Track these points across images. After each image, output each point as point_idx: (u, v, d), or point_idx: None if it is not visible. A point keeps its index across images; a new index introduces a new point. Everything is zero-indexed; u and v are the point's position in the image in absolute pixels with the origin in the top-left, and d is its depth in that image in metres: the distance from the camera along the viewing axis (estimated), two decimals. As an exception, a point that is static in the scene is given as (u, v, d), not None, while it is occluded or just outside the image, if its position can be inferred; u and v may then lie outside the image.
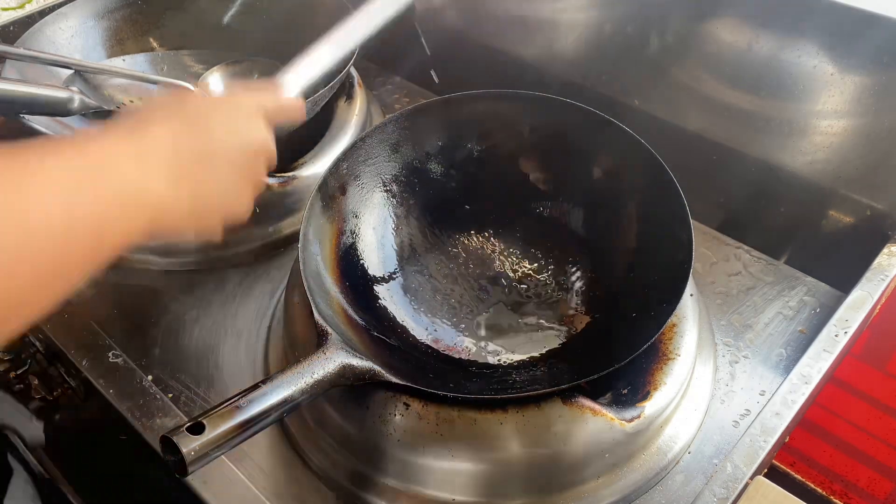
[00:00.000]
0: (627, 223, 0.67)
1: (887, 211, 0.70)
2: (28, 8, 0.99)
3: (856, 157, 0.70)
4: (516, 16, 0.89)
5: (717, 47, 0.74)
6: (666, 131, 0.80)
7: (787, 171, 0.74)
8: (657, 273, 0.61)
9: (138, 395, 0.60)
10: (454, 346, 0.66)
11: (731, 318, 0.71)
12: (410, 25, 0.81)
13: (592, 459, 0.54)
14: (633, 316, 0.60)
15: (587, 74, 0.86)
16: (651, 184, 0.63)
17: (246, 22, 0.94)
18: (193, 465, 0.42)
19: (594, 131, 0.67)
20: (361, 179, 0.69)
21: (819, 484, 1.17)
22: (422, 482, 0.55)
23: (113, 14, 0.90)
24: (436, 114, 0.71)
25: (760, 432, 0.56)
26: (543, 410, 0.53)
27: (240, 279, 0.76)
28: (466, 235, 0.74)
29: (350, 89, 0.89)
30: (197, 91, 0.39)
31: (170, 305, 0.73)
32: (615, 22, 0.81)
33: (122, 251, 0.35)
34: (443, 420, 0.53)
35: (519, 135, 0.72)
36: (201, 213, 0.39)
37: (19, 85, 0.67)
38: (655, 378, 0.58)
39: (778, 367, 0.66)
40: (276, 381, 0.47)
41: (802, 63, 0.68)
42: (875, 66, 0.65)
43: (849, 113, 0.68)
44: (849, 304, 0.65)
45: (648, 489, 0.57)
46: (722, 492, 0.52)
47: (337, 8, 0.87)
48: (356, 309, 0.63)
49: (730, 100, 0.76)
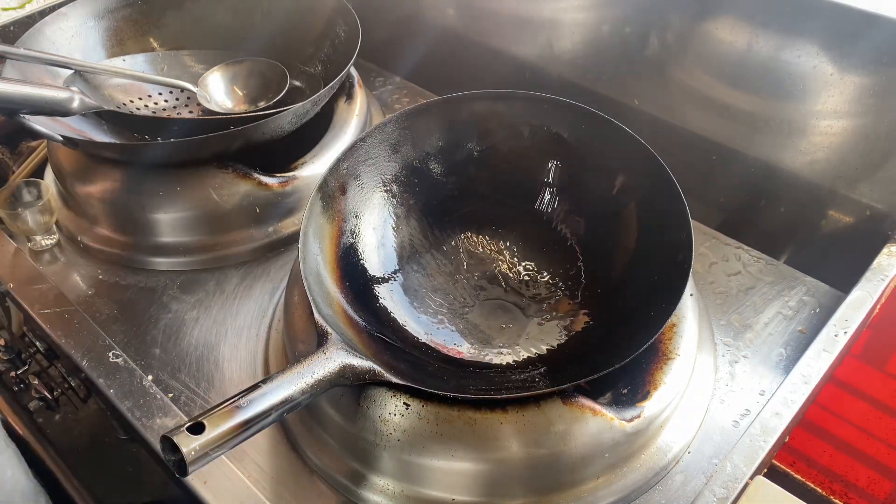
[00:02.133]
0: (627, 223, 0.67)
1: (887, 211, 0.70)
2: (28, 8, 0.99)
3: (856, 157, 0.70)
4: (516, 16, 0.89)
5: (717, 47, 0.74)
6: (666, 131, 0.81)
7: (787, 171, 0.74)
8: (657, 273, 0.61)
9: (138, 394, 0.60)
10: (454, 346, 0.66)
11: (731, 318, 0.71)
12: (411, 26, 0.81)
13: (592, 459, 0.54)
14: (633, 316, 0.60)
15: (587, 74, 0.86)
16: (651, 184, 0.63)
17: (246, 22, 0.94)
18: (194, 464, 0.42)
19: (594, 131, 0.67)
20: (361, 179, 0.69)
21: (819, 484, 1.17)
22: (422, 482, 0.55)
23: (113, 14, 0.90)
24: (436, 114, 0.71)
25: (760, 432, 0.56)
26: (543, 410, 0.53)
27: (240, 279, 0.76)
28: (466, 235, 0.74)
29: (350, 89, 0.89)
30: None
31: (170, 305, 0.73)
32: (615, 22, 0.81)
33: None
34: (443, 420, 0.53)
35: (519, 135, 0.72)
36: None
37: (19, 85, 0.67)
38: (655, 378, 0.58)
39: (778, 367, 0.66)
40: (276, 381, 0.47)
41: (802, 63, 0.68)
42: (875, 66, 0.65)
43: (849, 113, 0.68)
44: (849, 304, 0.65)
45: (648, 489, 0.57)
46: (722, 492, 0.52)
47: (337, 8, 0.88)
48: (356, 309, 0.63)
49: (730, 100, 0.76)
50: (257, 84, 0.89)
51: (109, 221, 0.77)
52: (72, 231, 0.80)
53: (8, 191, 0.78)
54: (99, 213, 0.78)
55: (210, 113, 0.86)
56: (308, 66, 0.92)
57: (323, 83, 0.84)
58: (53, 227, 0.80)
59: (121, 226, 0.77)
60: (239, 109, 0.87)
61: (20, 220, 0.76)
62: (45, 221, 0.78)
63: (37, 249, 0.79)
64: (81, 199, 0.78)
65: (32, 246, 0.79)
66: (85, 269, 0.77)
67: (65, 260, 0.79)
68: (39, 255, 0.79)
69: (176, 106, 0.89)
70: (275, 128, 0.75)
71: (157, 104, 0.88)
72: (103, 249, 0.78)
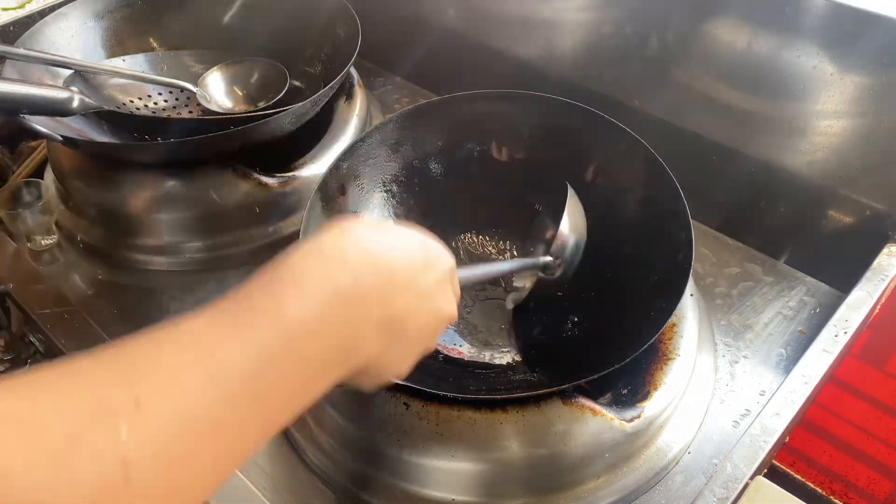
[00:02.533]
0: (627, 223, 0.67)
1: (887, 211, 0.70)
2: (28, 8, 0.99)
3: (856, 157, 0.70)
4: (516, 16, 0.89)
5: (717, 47, 0.74)
6: (666, 131, 0.80)
7: (787, 171, 0.74)
8: (657, 273, 0.61)
9: (138, 395, 0.59)
10: (454, 346, 0.66)
11: (731, 318, 0.71)
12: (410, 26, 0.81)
13: (592, 459, 0.54)
14: (633, 316, 0.60)
15: (587, 74, 0.86)
16: (651, 184, 0.63)
17: (246, 22, 0.94)
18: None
19: (594, 131, 0.67)
20: (361, 179, 0.69)
21: (819, 484, 1.17)
22: (422, 482, 0.55)
23: (113, 14, 0.90)
24: (436, 114, 0.71)
25: (760, 432, 0.55)
26: (543, 410, 0.53)
27: (240, 279, 0.75)
28: (466, 235, 0.74)
29: (350, 89, 0.89)
30: (396, 246, 0.39)
31: (170, 305, 0.73)
32: (615, 22, 0.81)
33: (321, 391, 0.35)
34: (443, 420, 0.53)
35: (519, 135, 0.72)
36: (387, 365, 0.39)
37: (19, 85, 0.67)
38: (655, 378, 0.58)
39: (778, 367, 0.66)
40: (276, 381, 0.47)
41: (802, 63, 0.68)
42: (875, 66, 0.65)
43: (849, 113, 0.68)
44: (849, 304, 0.64)
45: (648, 489, 0.57)
46: (722, 492, 0.52)
47: (337, 8, 0.88)
48: (356, 309, 0.62)
49: (730, 100, 0.76)
50: (257, 84, 0.89)
51: (109, 221, 0.77)
52: (72, 231, 0.80)
53: (8, 191, 0.78)
54: (98, 213, 0.78)
55: (210, 113, 0.86)
56: (308, 66, 0.92)
57: (323, 83, 0.83)
58: (53, 227, 0.80)
59: (121, 226, 0.77)
60: (239, 109, 0.87)
61: (20, 220, 0.76)
62: (45, 221, 0.78)
63: (37, 249, 0.79)
64: (81, 199, 0.78)
65: (32, 246, 0.79)
66: (85, 269, 0.77)
67: (65, 260, 0.79)
68: (39, 255, 0.79)
69: (176, 106, 0.89)
70: (275, 128, 0.75)
71: (157, 104, 0.88)
72: (103, 250, 0.78)
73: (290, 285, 0.34)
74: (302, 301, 0.34)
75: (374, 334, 0.36)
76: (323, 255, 0.36)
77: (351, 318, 0.35)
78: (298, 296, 0.34)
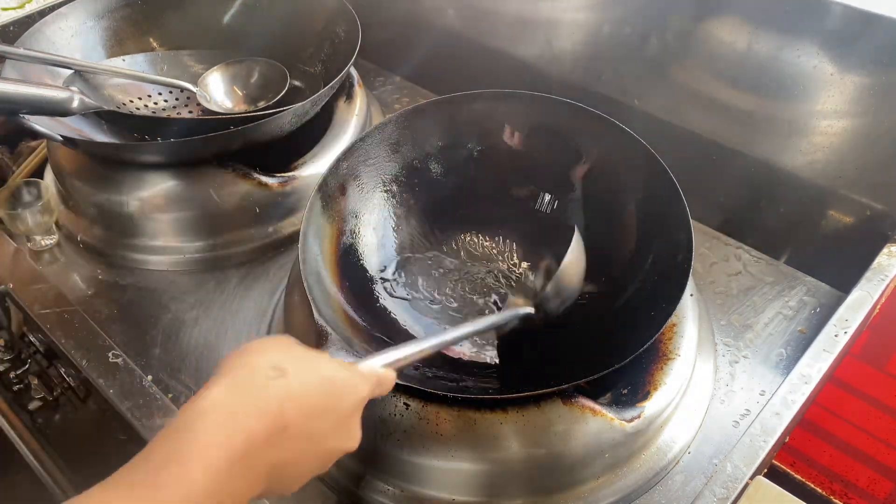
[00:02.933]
0: (627, 223, 0.67)
1: (887, 211, 0.70)
2: (28, 8, 0.99)
3: (856, 157, 0.70)
4: (516, 16, 0.89)
5: (717, 47, 0.74)
6: (666, 131, 0.80)
7: (787, 171, 0.74)
8: (657, 273, 0.61)
9: (138, 395, 0.59)
10: (454, 346, 0.65)
11: (731, 318, 0.71)
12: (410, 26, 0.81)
13: (592, 459, 0.54)
14: (633, 316, 0.60)
15: (587, 74, 0.86)
16: (651, 184, 0.63)
17: (246, 22, 0.94)
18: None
19: (594, 131, 0.67)
20: (361, 179, 0.69)
21: (819, 484, 1.17)
22: (422, 482, 0.55)
23: (113, 14, 0.90)
24: (436, 114, 0.71)
25: (760, 432, 0.55)
26: (543, 410, 0.53)
27: (240, 279, 0.76)
28: (466, 235, 0.74)
29: (350, 89, 0.89)
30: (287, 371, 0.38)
31: (170, 305, 0.73)
32: (615, 22, 0.81)
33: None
34: (443, 420, 0.53)
35: (519, 135, 0.72)
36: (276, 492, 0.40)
37: (19, 85, 0.67)
38: (655, 378, 0.58)
39: (778, 367, 0.66)
40: (276, 381, 0.47)
41: (802, 63, 0.68)
42: (875, 66, 0.65)
43: (849, 113, 0.68)
44: (849, 304, 0.65)
45: (648, 489, 0.57)
46: (722, 492, 0.52)
47: (337, 8, 0.88)
48: (356, 309, 0.62)
49: (730, 100, 0.76)
50: (257, 84, 0.89)
51: (109, 221, 0.77)
52: (71, 231, 0.80)
53: (8, 191, 0.78)
54: (98, 213, 0.78)
55: (210, 113, 0.86)
56: (308, 66, 0.92)
57: (323, 83, 0.84)
58: (53, 227, 0.80)
59: (121, 226, 0.77)
60: (239, 109, 0.87)
61: (20, 220, 0.76)
62: (44, 221, 0.78)
63: (37, 249, 0.79)
64: (81, 199, 0.78)
65: (32, 246, 0.79)
66: (85, 269, 0.77)
67: (65, 260, 0.79)
68: (39, 255, 0.79)
69: (176, 106, 0.89)
70: (275, 128, 0.75)
71: (156, 104, 0.88)
72: (103, 249, 0.78)
73: (184, 461, 0.35)
74: (195, 475, 0.34)
75: (261, 479, 0.37)
76: (216, 419, 0.36)
77: (240, 481, 0.36)
78: (193, 471, 0.34)
